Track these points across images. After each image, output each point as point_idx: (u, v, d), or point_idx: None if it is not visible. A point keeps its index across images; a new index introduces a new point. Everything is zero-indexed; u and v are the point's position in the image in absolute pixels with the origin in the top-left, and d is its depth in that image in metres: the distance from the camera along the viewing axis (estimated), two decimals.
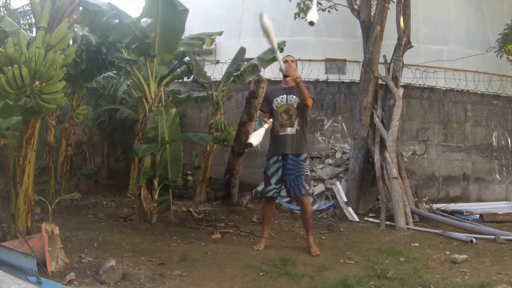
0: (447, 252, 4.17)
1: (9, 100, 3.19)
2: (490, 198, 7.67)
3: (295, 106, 4.08)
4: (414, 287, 3.08)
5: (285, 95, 4.12)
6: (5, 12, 7.39)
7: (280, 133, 4.07)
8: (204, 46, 7.57)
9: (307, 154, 4.19)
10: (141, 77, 5.14)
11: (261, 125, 4.05)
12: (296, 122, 4.07)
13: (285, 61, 4.13)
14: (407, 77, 7.33)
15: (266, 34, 3.82)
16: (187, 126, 8.34)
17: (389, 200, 5.88)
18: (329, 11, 7.50)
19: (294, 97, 4.09)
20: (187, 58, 6.18)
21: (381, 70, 7.01)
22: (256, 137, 3.76)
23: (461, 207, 6.78)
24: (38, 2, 3.30)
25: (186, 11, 4.74)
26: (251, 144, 3.72)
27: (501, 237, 4.73)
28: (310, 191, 4.15)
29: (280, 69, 4.11)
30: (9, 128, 4.96)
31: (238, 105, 7.93)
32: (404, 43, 6.69)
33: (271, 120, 4.03)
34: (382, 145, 6.31)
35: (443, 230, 5.18)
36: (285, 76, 4.17)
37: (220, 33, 6.83)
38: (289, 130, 4.06)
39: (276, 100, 4.14)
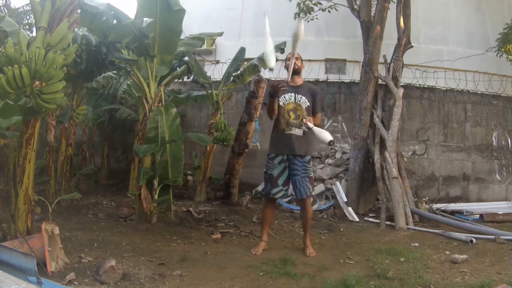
0: (447, 252, 4.17)
1: (9, 100, 3.19)
2: (490, 198, 7.67)
3: (304, 108, 3.98)
4: (414, 287, 3.08)
5: (293, 94, 3.99)
6: (6, 12, 7.38)
7: (286, 132, 3.95)
8: (205, 46, 7.57)
9: (311, 157, 4.11)
10: (141, 77, 5.14)
11: (269, 115, 4.00)
12: (304, 125, 3.95)
13: (289, 59, 3.94)
14: (407, 77, 7.32)
15: (295, 40, 3.66)
16: (187, 126, 8.34)
17: (389, 200, 5.88)
18: (329, 11, 7.49)
19: (304, 98, 3.99)
20: (186, 58, 6.18)
21: (381, 70, 7.01)
22: (326, 133, 3.74)
23: (461, 207, 6.78)
24: (38, 2, 3.31)
25: (182, 10, 4.73)
26: (333, 141, 3.70)
27: (501, 237, 4.73)
28: (313, 193, 4.12)
29: (287, 68, 3.97)
30: (9, 128, 4.95)
31: (238, 105, 7.93)
32: (404, 43, 6.69)
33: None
34: (382, 145, 6.31)
35: (443, 230, 5.18)
36: (293, 74, 3.99)
37: (220, 34, 6.82)
38: (296, 131, 3.95)
39: (284, 97, 3.99)
